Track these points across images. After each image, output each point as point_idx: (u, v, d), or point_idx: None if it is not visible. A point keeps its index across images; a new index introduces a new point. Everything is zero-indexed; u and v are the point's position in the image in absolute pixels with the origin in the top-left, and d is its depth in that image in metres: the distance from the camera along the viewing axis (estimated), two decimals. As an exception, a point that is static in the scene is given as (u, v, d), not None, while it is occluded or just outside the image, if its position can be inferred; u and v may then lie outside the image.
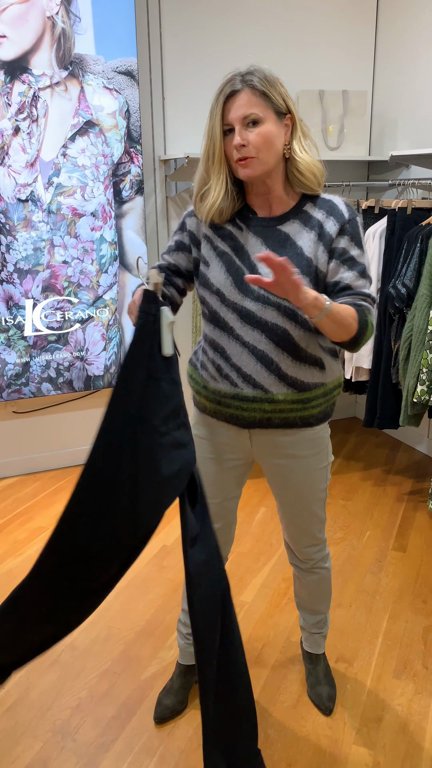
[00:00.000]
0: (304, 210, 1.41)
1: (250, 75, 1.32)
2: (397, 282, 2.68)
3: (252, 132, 1.32)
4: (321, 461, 1.56)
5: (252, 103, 1.31)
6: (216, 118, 1.33)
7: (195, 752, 1.67)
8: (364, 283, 1.38)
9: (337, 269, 1.38)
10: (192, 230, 1.48)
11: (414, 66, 3.24)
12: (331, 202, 1.42)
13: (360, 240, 1.41)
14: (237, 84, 1.31)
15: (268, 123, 1.32)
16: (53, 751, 1.68)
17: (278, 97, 1.34)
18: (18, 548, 2.62)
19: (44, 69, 2.77)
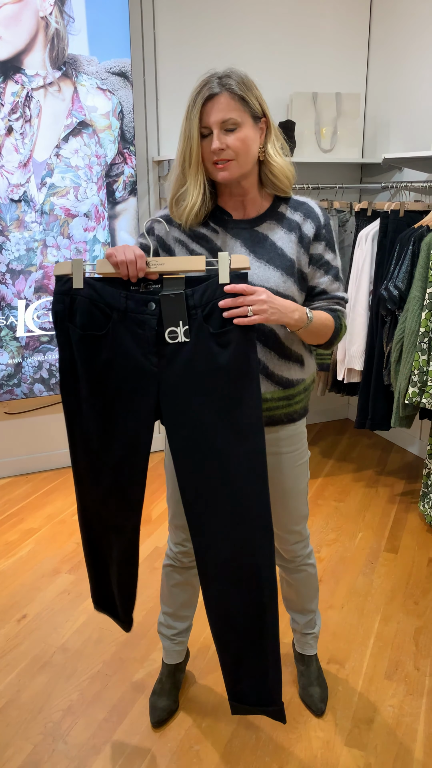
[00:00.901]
0: (279, 212, 1.44)
1: (228, 78, 1.31)
2: (389, 284, 2.69)
3: (230, 136, 1.32)
4: (302, 456, 1.60)
5: (231, 107, 1.31)
6: (193, 121, 1.32)
7: (186, 754, 1.67)
8: (338, 286, 1.48)
9: (314, 274, 1.46)
10: (161, 235, 1.46)
11: (407, 69, 3.26)
12: (306, 204, 1.46)
13: (333, 244, 1.48)
14: (215, 87, 1.30)
15: (245, 127, 1.33)
16: (44, 753, 1.68)
17: (255, 101, 1.34)
18: (10, 550, 2.61)
19: (38, 69, 2.76)
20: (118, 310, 1.34)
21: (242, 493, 1.37)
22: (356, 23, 3.43)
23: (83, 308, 1.34)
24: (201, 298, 1.32)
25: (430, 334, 2.49)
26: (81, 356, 1.37)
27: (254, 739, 1.71)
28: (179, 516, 1.62)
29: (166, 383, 1.36)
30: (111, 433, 1.41)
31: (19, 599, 2.29)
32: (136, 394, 1.38)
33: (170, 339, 1.33)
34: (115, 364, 1.36)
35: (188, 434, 1.37)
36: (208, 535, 1.42)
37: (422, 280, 2.52)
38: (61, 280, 1.34)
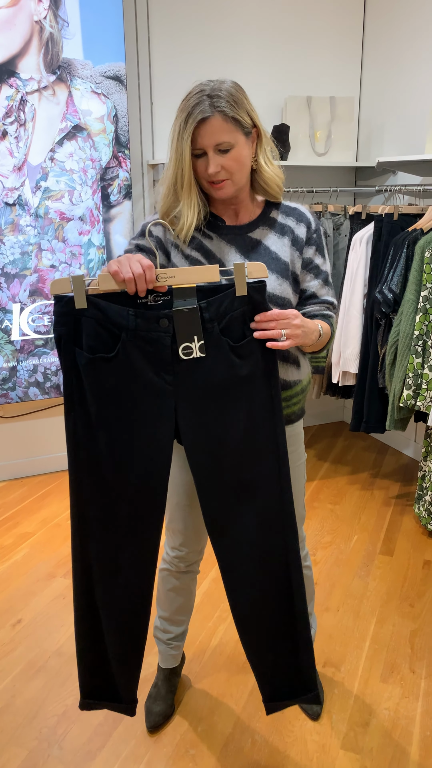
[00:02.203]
0: (271, 217, 1.45)
1: (218, 99, 1.29)
2: (383, 287, 2.69)
3: (224, 157, 1.32)
4: (299, 458, 1.61)
5: (224, 129, 1.30)
6: (185, 143, 1.30)
7: (182, 758, 1.67)
8: (327, 290, 1.50)
9: (304, 278, 1.47)
10: (159, 237, 1.46)
11: (401, 73, 3.27)
12: (297, 209, 1.47)
13: (323, 248, 1.49)
14: (207, 110, 1.28)
15: (238, 146, 1.33)
16: (39, 758, 1.67)
17: (246, 118, 1.34)
18: (4, 554, 2.60)
19: (32, 73, 2.76)
20: (127, 329, 1.25)
21: (268, 507, 1.36)
22: (350, 27, 3.45)
23: (89, 329, 1.25)
24: (217, 311, 1.26)
25: (424, 337, 2.50)
26: (90, 380, 1.28)
27: (250, 743, 1.71)
28: (176, 520, 1.61)
29: (183, 401, 1.30)
30: (127, 463, 1.32)
31: (13, 604, 2.29)
32: (152, 417, 1.30)
33: (185, 356, 1.27)
34: (128, 385, 1.28)
35: (210, 451, 1.32)
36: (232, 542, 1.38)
37: (416, 283, 2.53)
38: (61, 300, 1.25)
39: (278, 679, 1.48)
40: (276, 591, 1.41)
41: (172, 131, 1.34)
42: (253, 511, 1.36)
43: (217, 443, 1.32)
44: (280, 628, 1.43)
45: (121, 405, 1.29)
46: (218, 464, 1.33)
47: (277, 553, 1.39)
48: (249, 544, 1.38)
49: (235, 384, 1.29)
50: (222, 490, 1.35)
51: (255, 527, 1.37)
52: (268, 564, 1.39)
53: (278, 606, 1.42)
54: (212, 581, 2.39)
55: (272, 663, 1.46)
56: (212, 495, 1.36)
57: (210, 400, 1.30)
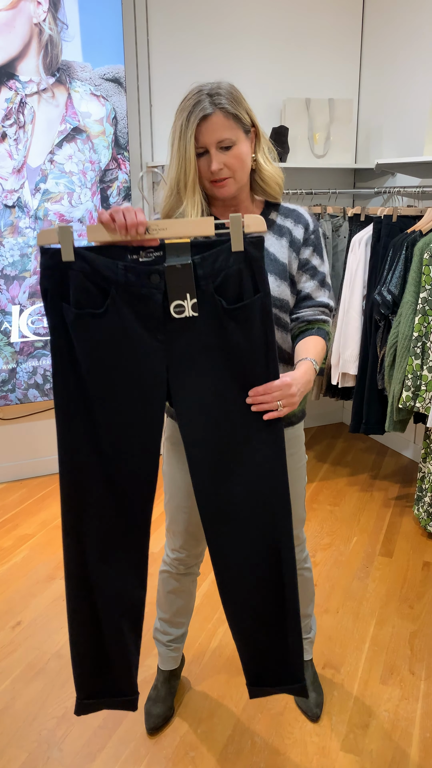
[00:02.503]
0: (270, 219, 1.45)
1: (218, 96, 1.30)
2: (382, 289, 2.70)
3: (226, 155, 1.33)
4: (300, 460, 1.61)
5: (225, 126, 1.31)
6: (189, 142, 1.31)
7: (182, 760, 1.67)
8: (324, 292, 1.48)
9: (299, 278, 1.46)
10: None
11: (399, 75, 3.28)
12: (296, 211, 1.47)
13: (321, 250, 1.49)
14: (207, 107, 1.29)
15: (239, 144, 1.34)
16: (39, 761, 1.67)
17: (245, 115, 1.35)
18: (4, 556, 2.60)
19: (31, 75, 2.77)
20: (117, 284, 1.20)
21: (259, 479, 1.31)
22: (349, 29, 3.45)
23: (77, 284, 1.19)
24: (212, 268, 1.20)
25: (423, 339, 2.50)
26: (79, 337, 1.21)
27: (250, 745, 1.71)
28: (177, 522, 1.62)
29: (175, 362, 1.24)
30: (118, 424, 1.27)
31: (13, 606, 2.28)
32: (144, 375, 1.25)
33: (176, 314, 1.20)
34: (118, 344, 1.22)
35: (200, 416, 1.27)
36: (222, 518, 1.33)
37: (415, 284, 2.53)
38: (48, 252, 1.19)
39: (264, 665, 1.43)
40: (266, 569, 1.36)
41: (173, 132, 1.34)
42: (243, 483, 1.31)
43: (209, 409, 1.26)
44: (269, 611, 1.39)
45: (111, 364, 1.24)
46: (209, 431, 1.28)
47: (268, 529, 1.34)
48: (238, 517, 1.33)
49: (229, 349, 1.23)
50: (212, 459, 1.30)
51: (244, 499, 1.31)
52: (257, 538, 1.34)
53: (267, 586, 1.36)
54: (212, 583, 2.39)
55: (259, 646, 1.42)
56: (202, 464, 1.30)
57: (203, 364, 1.24)
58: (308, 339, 1.42)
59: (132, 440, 1.28)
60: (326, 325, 1.48)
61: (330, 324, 1.50)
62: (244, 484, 1.31)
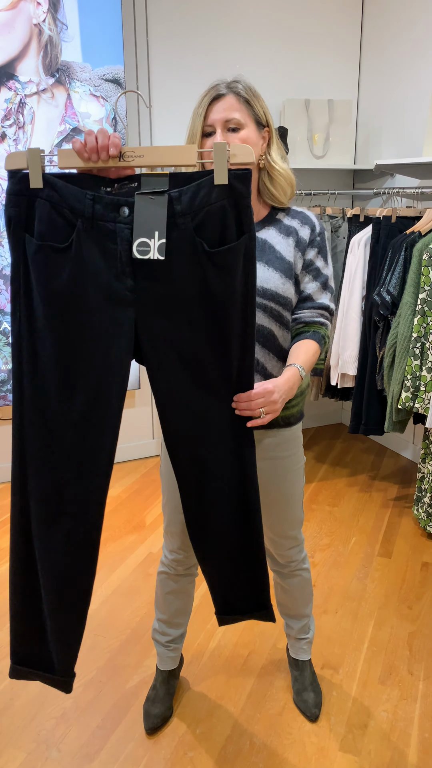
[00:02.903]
0: (277, 218, 1.46)
1: (235, 83, 1.36)
2: (381, 290, 2.70)
3: (233, 136, 1.35)
4: (298, 461, 1.60)
5: (235, 108, 1.34)
6: (198, 120, 1.35)
7: (180, 760, 1.67)
8: (325, 294, 1.48)
9: (303, 278, 1.47)
10: None
11: (398, 76, 3.28)
12: (303, 213, 1.48)
13: (326, 253, 1.49)
14: (222, 89, 1.35)
15: (248, 129, 1.36)
16: (37, 761, 1.67)
17: (260, 109, 1.39)
18: (3, 556, 2.60)
19: (31, 76, 2.77)
20: (84, 216, 1.06)
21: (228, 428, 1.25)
22: (348, 31, 3.46)
23: (43, 214, 1.07)
24: (191, 203, 1.07)
25: (422, 340, 2.51)
26: (38, 274, 1.08)
27: (248, 745, 1.71)
28: (175, 524, 1.62)
29: (144, 313, 1.11)
30: (75, 376, 1.13)
31: (12, 606, 2.28)
32: (108, 326, 1.12)
33: (139, 253, 1.06)
34: (81, 287, 1.09)
35: (171, 370, 1.16)
36: (192, 458, 1.26)
37: (414, 285, 2.54)
38: (15, 176, 1.07)
39: (232, 592, 1.44)
40: (232, 495, 1.33)
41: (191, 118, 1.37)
42: (211, 426, 1.24)
43: (181, 364, 1.15)
44: (235, 538, 1.38)
45: (72, 309, 1.10)
46: (180, 385, 1.17)
47: (233, 465, 1.30)
48: (209, 462, 1.27)
49: (208, 301, 1.11)
50: (184, 418, 1.21)
51: (211, 440, 1.25)
52: (223, 464, 1.29)
53: (233, 512, 1.34)
54: (211, 583, 2.40)
55: (226, 573, 1.42)
56: (174, 420, 1.20)
57: (177, 316, 1.11)
58: (301, 344, 1.43)
59: (89, 397, 1.15)
60: (323, 328, 1.48)
61: (328, 327, 1.50)
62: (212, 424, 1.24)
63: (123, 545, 2.65)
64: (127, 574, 2.47)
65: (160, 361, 1.16)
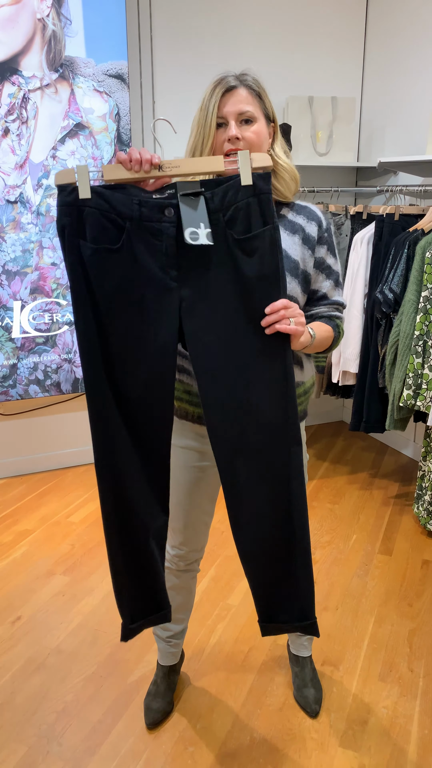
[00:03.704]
0: (281, 214, 1.45)
1: (245, 76, 1.37)
2: (384, 287, 2.70)
3: (246, 129, 1.35)
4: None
5: (248, 101, 1.35)
6: (211, 111, 1.34)
7: (181, 755, 1.67)
8: (338, 291, 1.51)
9: (316, 278, 1.47)
10: None
11: (402, 73, 3.28)
12: (308, 208, 1.48)
13: (335, 248, 1.50)
14: (232, 81, 1.35)
15: (259, 122, 1.37)
16: (38, 755, 1.67)
17: (269, 103, 1.40)
18: (4, 551, 2.61)
19: (34, 71, 2.76)
20: (132, 219, 1.22)
21: (271, 408, 1.32)
22: (352, 28, 3.45)
23: (93, 221, 1.23)
24: (222, 201, 1.23)
25: (424, 338, 2.51)
26: (95, 274, 1.24)
27: (248, 741, 1.72)
28: (176, 519, 1.62)
29: (187, 299, 1.26)
30: (133, 357, 1.30)
31: (13, 601, 2.29)
32: (157, 312, 1.27)
33: (191, 239, 1.20)
34: (133, 281, 1.25)
35: (212, 349, 1.28)
36: (236, 452, 1.34)
37: (417, 283, 2.54)
38: (65, 190, 1.23)
39: (275, 602, 1.46)
40: (277, 503, 1.38)
41: (198, 109, 1.37)
42: (256, 422, 1.32)
43: (221, 343, 1.28)
44: (280, 546, 1.41)
45: (127, 301, 1.26)
46: (221, 363, 1.29)
47: (279, 462, 1.36)
48: (250, 449, 1.34)
49: (240, 281, 1.25)
50: (224, 392, 1.31)
51: (256, 431, 1.33)
52: (269, 471, 1.36)
53: (278, 521, 1.38)
54: (212, 580, 2.40)
55: (271, 582, 1.44)
56: (214, 398, 1.31)
57: (215, 298, 1.26)
58: (315, 321, 1.45)
59: (145, 376, 1.30)
60: (339, 320, 1.50)
61: (343, 320, 1.52)
62: (256, 415, 1.32)
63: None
64: (128, 569, 2.47)
65: (200, 338, 1.28)
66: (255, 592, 1.47)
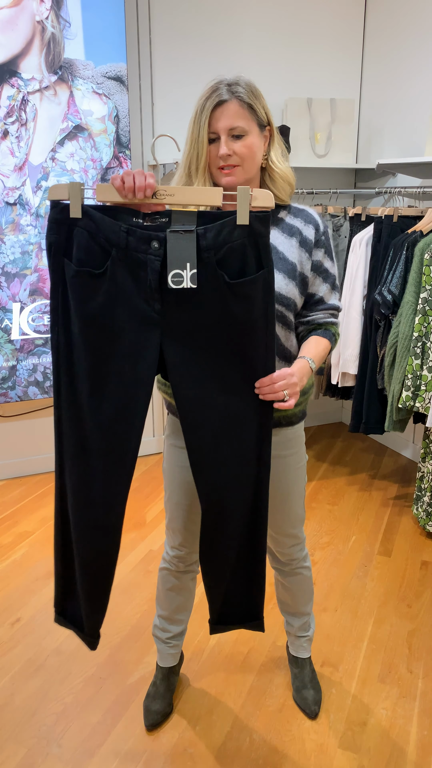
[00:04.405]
0: (279, 217, 1.46)
1: (237, 86, 1.34)
2: (383, 289, 2.70)
3: (237, 143, 1.34)
4: (300, 459, 1.62)
5: (239, 115, 1.33)
6: (203, 126, 1.34)
7: (180, 756, 1.67)
8: (334, 295, 1.51)
9: (313, 281, 1.47)
10: None
11: (401, 75, 3.28)
12: (305, 211, 1.48)
13: (332, 251, 1.50)
14: (224, 94, 1.33)
15: (252, 135, 1.35)
16: (38, 757, 1.67)
17: (261, 110, 1.38)
18: (3, 553, 2.61)
19: (33, 73, 2.77)
20: (118, 246, 1.19)
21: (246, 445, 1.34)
22: (351, 30, 3.46)
23: (81, 241, 1.20)
24: (215, 239, 1.18)
25: (423, 339, 2.51)
26: (75, 296, 1.21)
27: (248, 742, 1.72)
28: (176, 520, 1.62)
29: (170, 334, 1.22)
30: (105, 387, 1.26)
31: (12, 602, 2.29)
32: (136, 344, 1.23)
33: (173, 284, 1.17)
34: (113, 309, 1.21)
35: (194, 389, 1.27)
36: (209, 472, 1.35)
37: (416, 284, 2.54)
38: (57, 206, 1.19)
39: (230, 604, 1.49)
40: (246, 512, 1.40)
41: (190, 119, 1.36)
42: (233, 446, 1.32)
43: (201, 381, 1.25)
44: (244, 552, 1.44)
45: (105, 328, 1.22)
46: (204, 403, 1.27)
47: (251, 478, 1.37)
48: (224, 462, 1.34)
49: (228, 325, 1.21)
50: (207, 434, 1.30)
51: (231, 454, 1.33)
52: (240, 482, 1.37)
53: (246, 528, 1.41)
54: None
55: (229, 586, 1.47)
56: (196, 435, 1.30)
57: (200, 338, 1.22)
58: (311, 339, 1.45)
59: (116, 406, 1.28)
60: (335, 327, 1.50)
61: (338, 325, 1.52)
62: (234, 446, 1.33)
63: (123, 542, 2.66)
64: (128, 570, 2.47)
65: (183, 377, 1.26)
66: (211, 597, 1.50)
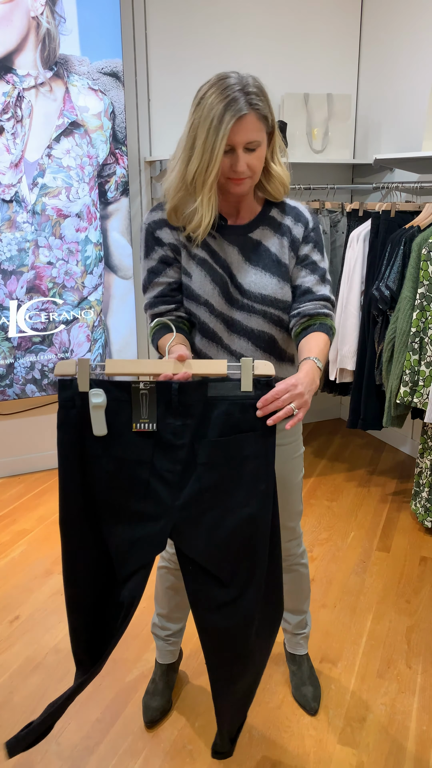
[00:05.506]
0: (271, 216, 1.45)
1: (252, 95, 1.28)
2: (380, 284, 2.70)
3: (251, 156, 1.32)
4: (296, 450, 1.60)
5: (256, 128, 1.30)
6: (220, 140, 1.26)
7: (179, 754, 1.67)
8: (324, 286, 1.46)
9: (298, 273, 1.45)
10: (171, 242, 1.44)
11: (398, 70, 3.27)
12: (296, 209, 1.47)
13: (322, 247, 1.47)
14: (243, 108, 1.26)
15: (263, 145, 1.34)
16: (37, 754, 1.67)
17: (271, 117, 1.34)
18: (2, 551, 2.60)
19: (29, 69, 2.76)
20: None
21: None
22: (347, 25, 3.44)
23: None
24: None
25: (421, 334, 2.51)
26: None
27: (247, 738, 1.72)
28: None
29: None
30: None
31: (11, 600, 2.29)
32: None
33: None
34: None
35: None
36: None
37: (413, 280, 2.53)
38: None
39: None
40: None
41: (201, 124, 1.27)
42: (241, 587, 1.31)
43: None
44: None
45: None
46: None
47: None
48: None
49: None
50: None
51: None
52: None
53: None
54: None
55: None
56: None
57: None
58: (310, 337, 1.38)
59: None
60: (328, 319, 1.44)
61: (333, 318, 1.47)
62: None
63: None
64: (126, 568, 2.47)
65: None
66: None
